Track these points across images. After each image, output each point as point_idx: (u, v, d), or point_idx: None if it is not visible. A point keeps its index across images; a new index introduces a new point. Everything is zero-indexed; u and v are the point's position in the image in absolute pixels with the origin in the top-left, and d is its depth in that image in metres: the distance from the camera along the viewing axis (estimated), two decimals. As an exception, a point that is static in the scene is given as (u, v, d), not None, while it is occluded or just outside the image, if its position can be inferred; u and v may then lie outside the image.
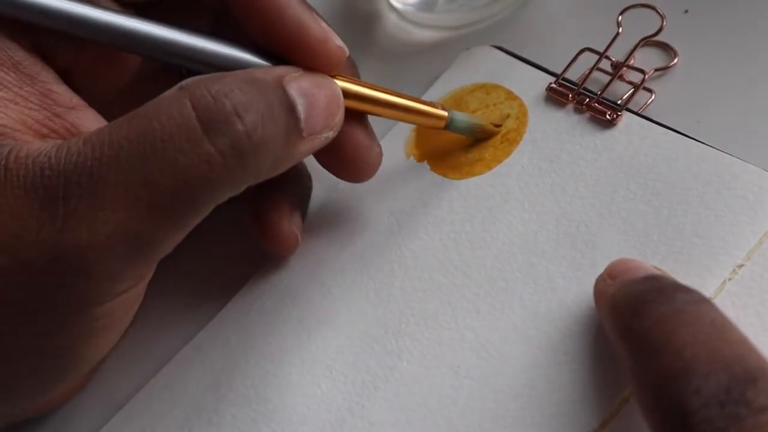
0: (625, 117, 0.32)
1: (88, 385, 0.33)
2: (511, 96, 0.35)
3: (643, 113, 0.32)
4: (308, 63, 0.29)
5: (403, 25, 0.41)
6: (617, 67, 0.34)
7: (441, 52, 0.39)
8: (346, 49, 0.29)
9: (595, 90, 0.33)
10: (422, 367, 0.29)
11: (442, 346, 0.29)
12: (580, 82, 0.34)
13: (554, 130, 0.33)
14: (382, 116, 0.31)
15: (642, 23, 0.34)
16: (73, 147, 0.25)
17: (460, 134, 0.34)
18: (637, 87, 0.33)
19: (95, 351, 0.28)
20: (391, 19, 0.41)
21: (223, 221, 0.30)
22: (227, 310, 0.33)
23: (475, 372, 0.28)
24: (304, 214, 0.35)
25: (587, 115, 0.33)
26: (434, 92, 0.37)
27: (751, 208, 0.28)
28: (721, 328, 0.22)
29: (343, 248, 0.33)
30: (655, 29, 0.33)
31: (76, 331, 0.26)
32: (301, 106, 0.27)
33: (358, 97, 0.30)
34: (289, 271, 0.34)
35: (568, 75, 0.34)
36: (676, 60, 0.34)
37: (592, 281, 0.27)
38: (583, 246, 0.29)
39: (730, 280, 0.27)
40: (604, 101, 0.32)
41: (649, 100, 0.33)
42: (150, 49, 0.28)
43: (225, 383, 0.31)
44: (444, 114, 0.32)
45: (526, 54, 0.36)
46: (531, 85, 0.35)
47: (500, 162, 0.33)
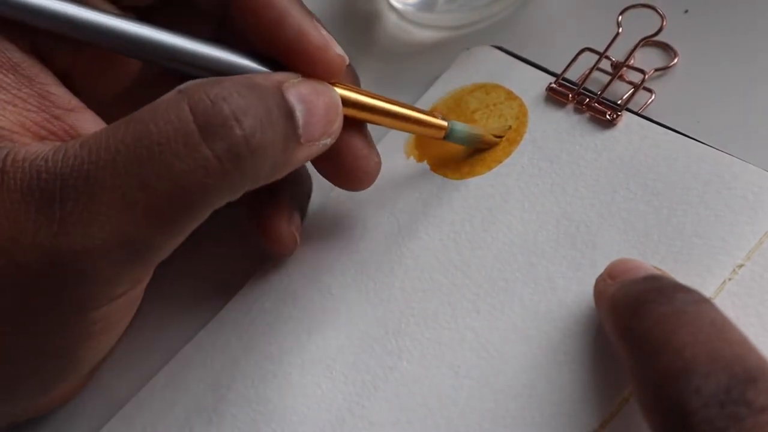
0: (625, 117, 0.32)
1: (88, 385, 0.33)
2: (511, 96, 0.35)
3: (643, 113, 0.32)
4: (308, 70, 0.28)
5: (403, 25, 0.41)
6: (617, 67, 0.34)
7: (441, 52, 0.39)
8: (346, 57, 0.29)
9: (595, 90, 0.33)
10: (422, 367, 0.29)
11: (442, 346, 0.29)
12: (580, 82, 0.34)
13: (554, 130, 0.33)
14: (382, 125, 0.31)
15: (642, 23, 0.34)
16: (70, 150, 0.25)
17: (460, 144, 0.33)
18: (637, 87, 0.33)
19: (94, 353, 0.28)
20: (391, 19, 0.41)
21: (223, 221, 0.30)
22: (227, 310, 0.33)
23: (475, 372, 0.28)
24: (304, 215, 0.35)
25: (587, 115, 0.33)
26: (434, 92, 0.37)
27: (751, 208, 0.28)
28: (721, 328, 0.22)
29: (343, 248, 0.33)
30: (655, 29, 0.33)
31: (74, 333, 0.26)
32: (299, 113, 0.27)
33: (357, 105, 0.30)
34: (289, 271, 0.34)
35: (568, 75, 0.34)
36: (676, 60, 0.34)
37: (592, 281, 0.27)
38: (583, 246, 0.29)
39: (730, 280, 0.27)
40: (604, 101, 0.32)
41: (649, 100, 0.33)
42: (149, 53, 0.27)
43: (225, 383, 0.31)
44: (444, 124, 0.32)
45: (526, 54, 0.36)
46: (531, 85, 0.34)
47: (500, 162, 0.33)
